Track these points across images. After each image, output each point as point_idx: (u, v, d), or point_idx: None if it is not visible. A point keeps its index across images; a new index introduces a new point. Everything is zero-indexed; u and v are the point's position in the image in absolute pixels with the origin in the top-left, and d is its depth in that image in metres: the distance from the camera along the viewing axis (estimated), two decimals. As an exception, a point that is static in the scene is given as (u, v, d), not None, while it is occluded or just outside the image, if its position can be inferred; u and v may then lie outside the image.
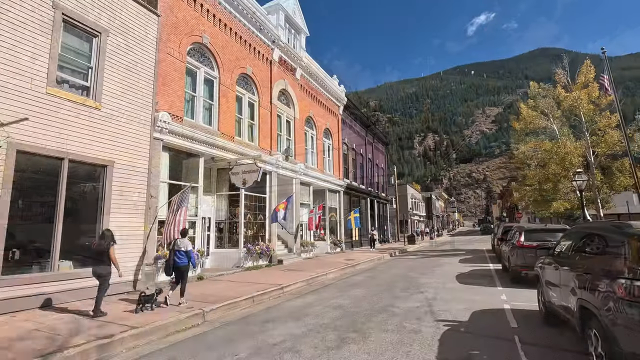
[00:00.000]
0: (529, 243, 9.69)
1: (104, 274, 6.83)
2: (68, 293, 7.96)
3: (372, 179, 33.25)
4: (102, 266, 6.81)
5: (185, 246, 7.87)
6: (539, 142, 21.12)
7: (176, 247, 7.88)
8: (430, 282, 10.87)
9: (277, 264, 15.91)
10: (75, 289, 8.11)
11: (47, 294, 7.62)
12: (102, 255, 6.84)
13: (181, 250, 7.81)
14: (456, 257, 19.29)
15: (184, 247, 7.85)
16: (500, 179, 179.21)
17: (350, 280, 12.21)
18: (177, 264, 7.79)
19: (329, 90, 23.89)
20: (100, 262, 6.82)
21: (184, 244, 7.91)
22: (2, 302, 6.88)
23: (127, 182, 9.47)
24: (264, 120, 16.55)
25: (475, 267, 14.52)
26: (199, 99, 12.94)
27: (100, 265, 6.81)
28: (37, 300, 7.45)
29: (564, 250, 5.22)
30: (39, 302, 7.47)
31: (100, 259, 6.83)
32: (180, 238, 8.21)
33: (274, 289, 9.95)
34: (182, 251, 7.81)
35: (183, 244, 7.89)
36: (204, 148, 12.53)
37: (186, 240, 8.10)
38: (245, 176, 13.20)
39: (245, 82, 15.77)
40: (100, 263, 6.82)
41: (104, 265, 6.83)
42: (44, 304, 7.54)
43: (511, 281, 10.34)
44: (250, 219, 15.33)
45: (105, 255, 6.84)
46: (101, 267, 6.81)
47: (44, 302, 7.55)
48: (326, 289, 10.52)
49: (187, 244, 7.96)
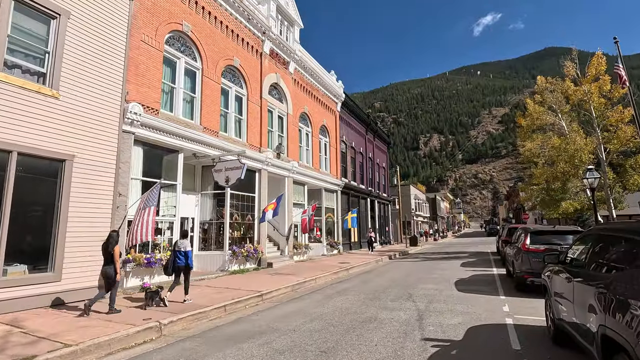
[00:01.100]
0: (536, 246, 8.65)
1: (111, 274, 7.04)
2: (16, 302, 7.11)
3: (372, 178, 32.25)
4: (111, 266, 7.05)
5: (185, 247, 8.13)
6: (546, 139, 19.97)
7: (177, 248, 8.17)
8: (426, 289, 9.88)
9: (266, 267, 15.01)
10: (27, 297, 7.27)
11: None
12: (109, 257, 7.09)
13: (181, 251, 8.10)
14: (458, 260, 18.23)
15: (184, 248, 8.11)
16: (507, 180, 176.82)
17: (339, 286, 11.26)
18: (177, 264, 8.07)
19: (325, 86, 22.97)
20: (109, 263, 7.08)
21: (184, 244, 8.17)
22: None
23: (90, 178, 8.62)
24: (253, 115, 15.68)
25: (477, 272, 13.48)
26: (179, 90, 12.09)
27: (109, 265, 7.06)
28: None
29: (578, 257, 4.24)
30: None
31: (109, 260, 7.09)
32: (180, 238, 8.49)
33: (252, 296, 9.04)
34: (182, 251, 8.09)
35: (183, 245, 8.15)
36: (183, 143, 11.68)
37: (186, 241, 8.32)
38: (228, 173, 12.32)
39: (233, 74, 14.91)
40: (109, 264, 7.08)
41: (112, 265, 7.07)
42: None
43: (515, 289, 9.31)
44: (237, 219, 14.45)
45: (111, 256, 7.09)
46: (110, 267, 7.04)
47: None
48: (311, 296, 9.58)
49: (187, 245, 8.20)
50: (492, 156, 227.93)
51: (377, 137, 34.75)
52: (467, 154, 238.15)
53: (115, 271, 7.03)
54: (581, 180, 16.66)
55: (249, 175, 15.26)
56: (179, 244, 8.16)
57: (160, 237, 10.96)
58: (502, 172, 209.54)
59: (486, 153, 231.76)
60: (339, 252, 22.80)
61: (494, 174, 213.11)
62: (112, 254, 7.05)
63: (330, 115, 24.12)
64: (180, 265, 8.05)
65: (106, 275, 7.05)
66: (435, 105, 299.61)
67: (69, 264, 8.02)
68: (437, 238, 48.80)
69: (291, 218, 17.77)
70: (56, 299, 7.73)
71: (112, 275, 7.02)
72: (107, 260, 7.10)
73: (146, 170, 10.68)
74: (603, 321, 2.86)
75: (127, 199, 9.73)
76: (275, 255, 16.65)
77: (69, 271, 8.01)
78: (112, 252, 7.04)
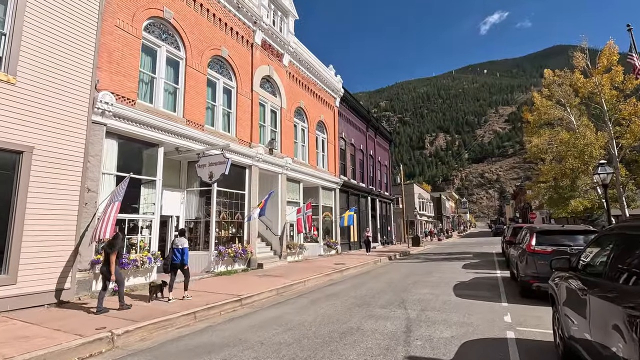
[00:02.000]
0: (542, 248, 7.76)
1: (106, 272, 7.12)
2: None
3: (373, 176, 31.37)
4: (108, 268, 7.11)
5: (182, 244, 8.29)
6: (554, 134, 18.96)
7: (174, 246, 8.32)
8: (421, 294, 9.04)
9: (256, 268, 14.26)
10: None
11: None
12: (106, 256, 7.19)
13: (178, 248, 8.26)
14: (460, 262, 17.32)
15: (180, 245, 8.28)
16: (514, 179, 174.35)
17: (330, 289, 10.45)
18: (174, 262, 8.22)
19: (323, 80, 22.16)
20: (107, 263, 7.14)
21: (181, 242, 8.33)
22: None
23: (53, 172, 7.92)
24: (243, 108, 14.93)
25: (480, 274, 12.59)
26: (159, 81, 11.37)
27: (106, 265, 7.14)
28: None
29: (594, 263, 3.41)
30: None
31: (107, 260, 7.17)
32: (177, 236, 8.60)
33: (230, 300, 8.29)
34: (179, 249, 8.26)
35: (180, 242, 8.32)
36: (164, 137, 10.96)
37: (183, 239, 8.46)
38: (212, 169, 11.58)
39: (221, 65, 14.17)
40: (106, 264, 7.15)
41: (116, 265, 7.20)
42: None
43: (520, 295, 8.43)
44: (225, 218, 13.72)
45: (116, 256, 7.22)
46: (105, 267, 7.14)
47: None
48: (296, 301, 8.80)
49: (184, 242, 8.35)
50: (499, 155, 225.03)
51: (379, 134, 33.84)
52: (474, 153, 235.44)
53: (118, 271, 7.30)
54: (592, 176, 15.65)
55: (239, 172, 14.54)
56: (176, 242, 8.34)
57: (138, 237, 10.24)
58: (509, 172, 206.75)
59: (493, 152, 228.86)
60: (337, 253, 21.99)
61: (501, 173, 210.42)
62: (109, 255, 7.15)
63: (329, 110, 23.30)
64: (177, 263, 8.21)
65: (102, 275, 7.26)
66: (441, 104, 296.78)
67: (26, 265, 7.33)
68: (442, 238, 47.72)
69: (285, 217, 17.00)
70: (10, 303, 7.03)
71: (108, 275, 7.11)
72: (104, 261, 7.25)
73: (122, 164, 9.96)
74: (636, 355, 2.03)
75: (98, 195, 9.02)
76: (267, 255, 15.90)
77: (26, 273, 7.31)
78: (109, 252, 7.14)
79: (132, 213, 10.20)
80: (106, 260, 7.16)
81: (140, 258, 9.67)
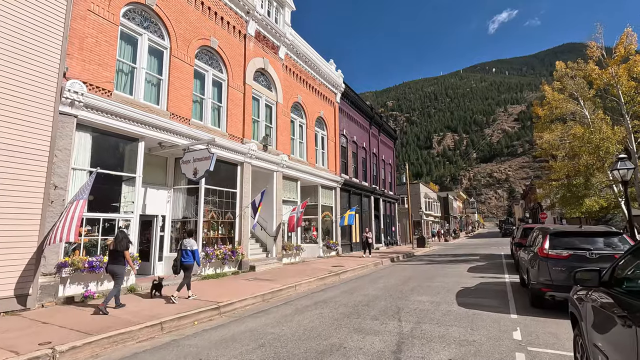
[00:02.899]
0: (557, 252, 6.81)
1: (119, 273, 7.25)
2: None
3: (377, 175, 30.43)
4: (118, 265, 7.24)
5: (191, 246, 8.33)
6: (567, 129, 17.86)
7: (183, 247, 8.34)
8: (420, 302, 8.15)
9: (248, 270, 13.49)
10: None
11: None
12: (118, 255, 7.24)
13: (187, 250, 8.28)
14: (467, 264, 16.34)
15: (190, 247, 8.31)
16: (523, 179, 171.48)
17: (321, 295, 9.61)
18: (182, 262, 8.25)
19: (322, 75, 21.31)
20: (117, 262, 7.24)
21: (190, 243, 8.36)
22: None
23: (11, 167, 7.22)
24: (234, 102, 14.16)
25: (486, 279, 11.63)
26: (140, 71, 10.64)
27: (116, 264, 7.24)
28: None
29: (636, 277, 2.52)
30: None
31: (117, 258, 7.24)
32: (186, 238, 8.59)
33: (207, 309, 7.50)
34: (188, 250, 8.28)
35: (189, 244, 8.35)
36: (145, 130, 10.23)
37: (192, 240, 8.50)
38: (196, 165, 10.81)
39: (210, 56, 13.42)
40: (117, 262, 7.24)
41: (120, 265, 7.26)
42: None
43: (531, 304, 7.48)
44: (215, 217, 12.95)
45: (121, 255, 7.24)
46: (117, 267, 7.23)
47: None
48: (280, 309, 7.98)
49: (193, 244, 8.39)
50: (508, 155, 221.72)
51: (383, 131, 32.87)
52: (482, 153, 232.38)
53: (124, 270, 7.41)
54: (608, 173, 14.57)
55: (230, 169, 13.79)
56: (185, 243, 8.36)
57: (114, 237, 9.49)
58: (518, 171, 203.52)
59: (502, 151, 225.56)
60: (338, 254, 21.12)
61: (510, 173, 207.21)
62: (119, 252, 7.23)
63: (329, 106, 22.44)
64: (188, 264, 8.27)
65: (112, 273, 7.30)
66: (449, 103, 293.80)
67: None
68: (449, 238, 46.51)
69: (280, 216, 16.20)
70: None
71: (119, 273, 7.25)
72: (114, 259, 7.27)
73: (97, 160, 9.22)
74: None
75: (67, 193, 8.29)
76: (260, 257, 15.12)
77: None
78: (123, 251, 7.25)
79: (110, 212, 9.48)
80: (117, 259, 7.25)
81: (114, 261, 8.93)
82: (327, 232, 21.43)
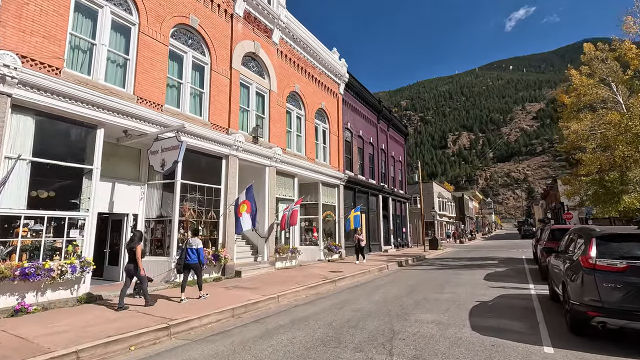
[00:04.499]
0: (609, 262, 4.98)
1: (133, 271, 7.28)
2: None
3: (386, 173, 28.61)
4: (131, 264, 7.31)
5: (197, 244, 8.23)
6: (598, 117, 15.74)
7: (188, 246, 8.21)
8: (423, 323, 6.44)
9: (233, 276, 12.01)
10: None
11: None
12: (132, 254, 7.30)
13: (192, 248, 8.16)
14: (483, 270, 14.43)
15: (195, 246, 8.20)
16: (543, 179, 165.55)
17: (303, 310, 7.99)
18: (187, 262, 8.12)
19: (323, 63, 19.70)
20: (131, 261, 7.34)
21: (195, 242, 8.24)
22: None
23: None
24: (218, 88, 12.70)
25: (507, 290, 9.78)
26: (101, 48, 9.26)
27: (130, 263, 7.35)
28: None
29: None
30: None
31: (130, 257, 7.33)
32: (191, 237, 8.47)
33: (154, 329, 6.00)
34: (193, 249, 8.16)
35: (194, 243, 8.23)
36: (104, 116, 8.86)
37: (197, 239, 8.40)
38: (164, 155, 9.37)
39: (189, 36, 12.00)
40: (131, 262, 7.35)
41: (133, 263, 7.28)
42: None
43: (570, 330, 5.68)
44: (194, 216, 11.50)
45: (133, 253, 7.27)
46: (131, 265, 7.31)
47: None
48: (246, 330, 6.40)
49: (198, 243, 8.28)
50: (527, 154, 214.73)
51: (392, 126, 31.00)
52: (499, 152, 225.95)
53: (137, 267, 7.28)
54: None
55: (213, 163, 12.35)
56: (190, 242, 8.25)
57: (62, 239, 8.12)
58: (537, 171, 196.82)
59: (520, 151, 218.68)
60: (341, 257, 19.45)
61: (529, 173, 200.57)
62: (134, 252, 7.22)
63: (331, 98, 20.81)
64: (193, 263, 8.16)
65: (128, 272, 7.37)
66: (464, 102, 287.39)
67: None
68: (463, 240, 44.14)
69: (273, 216, 14.65)
70: None
71: (133, 272, 7.29)
72: (129, 258, 7.37)
73: (42, 148, 7.88)
74: None
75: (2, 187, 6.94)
76: (248, 261, 13.61)
77: None
78: (134, 249, 7.23)
79: (61, 209, 8.10)
80: (130, 258, 7.29)
81: (58, 267, 7.55)
82: (329, 234, 19.80)
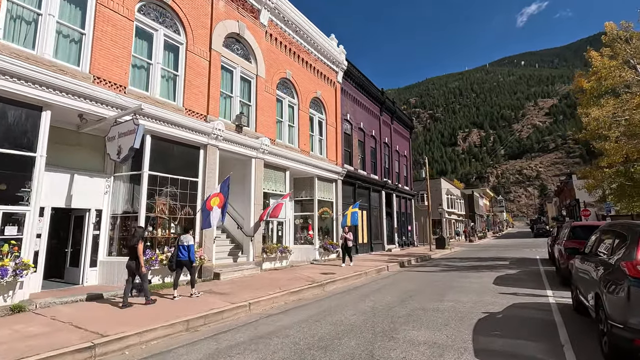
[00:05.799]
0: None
1: (134, 269, 7.16)
2: None
3: (389, 168, 27.16)
4: (133, 262, 7.18)
5: (187, 241, 8.14)
6: (623, 102, 14.11)
7: (180, 243, 8.16)
8: (413, 344, 5.10)
9: (210, 279, 10.80)
10: None
11: None
12: (133, 251, 7.18)
13: (184, 245, 8.10)
14: (493, 272, 12.97)
15: (186, 242, 8.12)
16: (556, 176, 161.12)
17: (273, 322, 6.69)
18: (179, 258, 8.09)
19: (319, 49, 18.36)
20: (132, 258, 7.22)
21: (186, 239, 8.16)
22: None
23: None
24: (195, 70, 11.48)
25: (520, 297, 8.34)
26: (48, 19, 8.09)
27: (131, 260, 7.22)
28: None
29: None
30: None
31: (132, 254, 7.22)
32: (183, 234, 8.35)
33: (73, 349, 4.79)
34: (184, 246, 8.10)
35: (186, 240, 8.15)
36: (51, 96, 7.72)
37: (189, 235, 8.27)
38: (121, 142, 8.18)
39: (161, 12, 10.79)
40: (132, 259, 7.22)
41: (135, 261, 7.17)
42: None
43: (605, 357, 4.30)
44: (165, 212, 10.31)
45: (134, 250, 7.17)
46: (132, 263, 7.18)
47: None
48: (192, 351, 5.14)
49: (189, 239, 8.18)
50: (539, 150, 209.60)
51: (397, 119, 29.49)
52: (510, 149, 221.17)
53: (139, 265, 7.12)
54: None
55: (189, 153, 11.15)
56: (182, 239, 8.17)
57: (-4, 237, 7.00)
58: (550, 168, 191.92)
59: (532, 147, 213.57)
60: (338, 256, 18.10)
61: (541, 170, 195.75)
62: (136, 249, 7.11)
63: (328, 86, 19.47)
64: (183, 260, 8.10)
65: (129, 269, 7.22)
66: (475, 98, 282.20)
67: None
68: (473, 239, 42.37)
69: (259, 212, 13.40)
70: None
71: (135, 270, 7.17)
72: (131, 255, 7.23)
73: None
74: None
75: None
76: (229, 262, 12.38)
77: None
78: (136, 247, 7.13)
79: None
80: (132, 255, 7.18)
81: None
82: (326, 232, 18.50)
